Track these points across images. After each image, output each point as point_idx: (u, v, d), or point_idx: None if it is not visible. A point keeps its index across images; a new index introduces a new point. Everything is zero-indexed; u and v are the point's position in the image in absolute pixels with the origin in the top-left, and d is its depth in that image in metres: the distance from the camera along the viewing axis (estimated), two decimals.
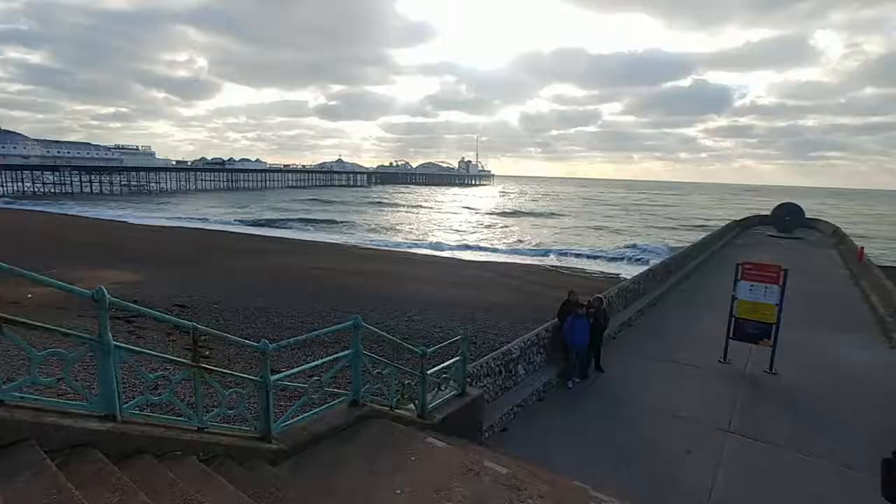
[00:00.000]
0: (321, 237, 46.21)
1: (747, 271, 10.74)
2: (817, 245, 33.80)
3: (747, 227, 42.90)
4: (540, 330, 9.95)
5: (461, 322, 16.09)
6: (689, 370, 10.77)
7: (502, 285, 24.28)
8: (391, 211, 79.91)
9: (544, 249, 43.19)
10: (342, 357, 4.96)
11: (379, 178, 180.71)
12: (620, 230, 62.04)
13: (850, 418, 8.81)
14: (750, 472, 7.09)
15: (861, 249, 25.72)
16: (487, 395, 8.00)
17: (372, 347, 12.41)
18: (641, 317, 14.42)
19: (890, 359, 11.95)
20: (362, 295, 19.73)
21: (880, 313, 15.47)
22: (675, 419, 8.58)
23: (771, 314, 10.44)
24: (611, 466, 7.15)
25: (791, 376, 10.44)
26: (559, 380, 9.69)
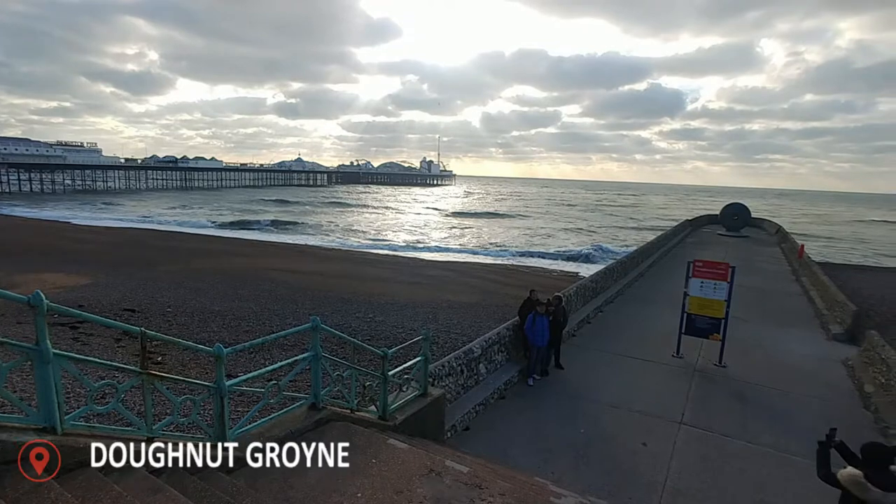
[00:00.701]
0: (280, 238, 45.20)
1: (698, 269, 11.18)
2: (762, 243, 35.57)
3: (699, 226, 44.70)
4: (501, 329, 10.04)
5: (423, 322, 16.07)
6: (645, 365, 11.12)
7: (464, 285, 24.38)
8: (352, 211, 78.94)
9: (506, 249, 43.66)
10: (301, 360, 4.86)
11: (340, 177, 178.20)
12: (582, 230, 63.48)
13: (792, 407, 9.31)
14: (701, 462, 7.37)
15: (801, 247, 27.24)
16: (450, 395, 8.02)
17: (333, 349, 12.30)
18: (600, 314, 14.79)
19: (828, 350, 12.69)
20: (323, 296, 19.42)
21: (819, 307, 16.43)
22: (631, 413, 8.83)
23: (720, 310, 10.92)
24: (571, 461, 7.29)
25: (739, 369, 10.94)
26: (520, 377, 9.82)
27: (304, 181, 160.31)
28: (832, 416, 8.81)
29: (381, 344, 12.56)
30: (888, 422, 8.57)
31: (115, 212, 60.89)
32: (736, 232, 39.11)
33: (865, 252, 49.91)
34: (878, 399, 9.35)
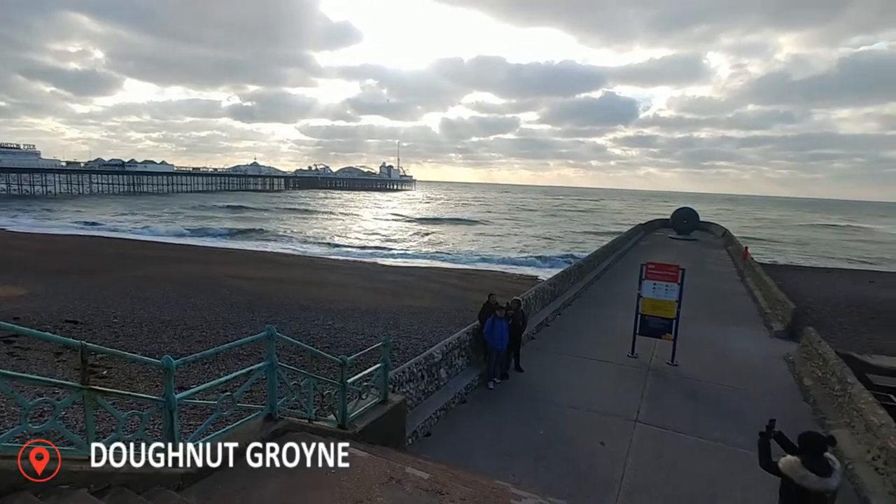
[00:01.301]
0: (236, 244, 43.93)
1: (650, 271, 11.57)
2: (710, 245, 37.20)
3: (651, 229, 46.32)
4: (461, 333, 10.08)
5: (384, 328, 15.97)
6: (602, 366, 11.40)
7: (425, 290, 24.37)
8: (311, 216, 77.58)
9: (466, 254, 43.92)
10: (256, 369, 4.72)
11: (298, 182, 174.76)
12: (543, 236, 64.51)
13: (739, 402, 9.75)
14: (656, 459, 7.61)
15: (746, 249, 28.64)
16: (410, 401, 7.98)
17: (291, 358, 12.05)
18: (558, 317, 15.07)
19: (771, 347, 13.38)
20: (281, 304, 18.99)
21: (762, 306, 17.30)
22: (589, 413, 9.03)
23: (671, 310, 11.33)
24: (531, 462, 7.38)
25: (690, 367, 11.36)
26: (481, 381, 9.87)
27: (260, 186, 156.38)
28: (775, 409, 9.24)
29: (341, 351, 12.38)
30: (825, 413, 9.10)
31: (57, 218, 57.64)
32: (686, 235, 40.77)
33: (804, 254, 52.98)
34: (816, 392, 9.91)
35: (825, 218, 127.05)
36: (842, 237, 77.95)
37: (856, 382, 8.85)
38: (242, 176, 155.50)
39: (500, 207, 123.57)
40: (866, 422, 7.66)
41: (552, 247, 51.34)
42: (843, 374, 9.23)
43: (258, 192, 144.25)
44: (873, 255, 53.22)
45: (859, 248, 61.80)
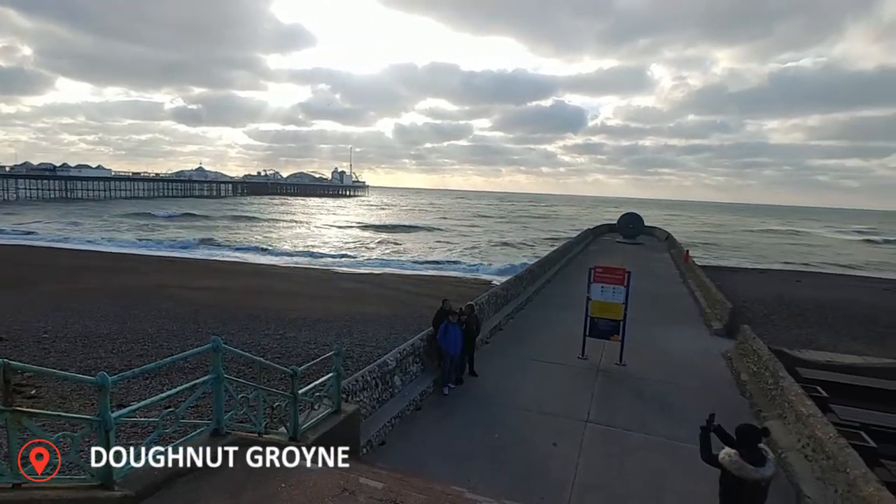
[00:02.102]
0: (180, 253, 42.07)
1: (598, 274, 11.95)
2: (654, 249, 38.80)
3: (599, 234, 47.85)
4: (415, 339, 10.06)
5: (338, 336, 15.72)
6: (554, 368, 11.64)
7: (380, 297, 24.17)
8: (260, 223, 75.29)
9: (421, 260, 43.89)
10: (201, 383, 4.54)
11: (246, 188, 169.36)
12: (497, 241, 65.17)
13: (682, 399, 10.17)
14: (606, 457, 7.83)
15: (687, 252, 30.06)
16: (364, 410, 7.88)
17: (241, 370, 11.68)
18: (511, 320, 15.29)
19: (711, 345, 14.06)
20: (229, 314, 18.34)
21: (702, 306, 18.19)
22: (542, 415, 9.19)
23: (619, 312, 11.73)
24: (487, 466, 7.43)
25: (637, 366, 11.77)
26: (435, 387, 9.87)
27: (206, 192, 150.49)
28: (715, 403, 9.69)
29: (293, 361, 12.08)
30: (760, 405, 9.65)
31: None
32: (632, 239, 42.39)
33: (742, 256, 56.00)
34: (752, 386, 10.50)
35: (764, 223, 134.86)
36: (782, 241, 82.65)
37: (787, 376, 9.42)
38: (187, 181, 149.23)
39: (455, 213, 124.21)
40: (796, 412, 8.18)
41: (507, 252, 52.07)
42: (775, 369, 9.82)
43: (204, 198, 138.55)
44: (812, 257, 56.45)
45: (797, 250, 65.76)
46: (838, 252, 66.24)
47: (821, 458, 7.00)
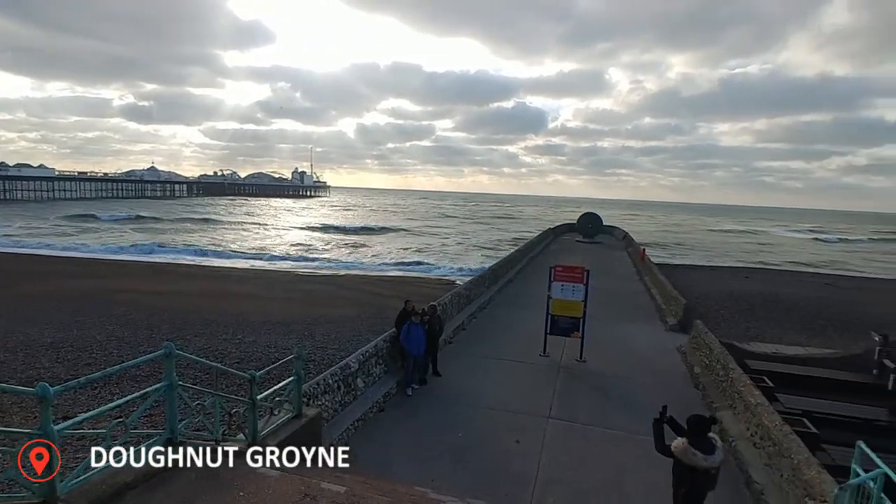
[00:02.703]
0: (132, 256, 40.34)
1: (558, 273, 12.19)
2: (612, 248, 39.85)
3: (559, 234, 48.76)
4: (378, 341, 9.99)
5: (298, 340, 15.44)
6: (517, 366, 11.79)
7: (342, 298, 23.88)
8: (217, 224, 73.00)
9: (384, 260, 43.64)
10: (153, 391, 4.36)
11: (202, 188, 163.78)
12: (461, 241, 65.39)
13: (640, 392, 10.48)
14: (568, 452, 8.00)
15: (643, 251, 30.99)
16: (327, 413, 7.77)
17: (197, 377, 11.33)
18: (474, 320, 15.39)
19: (666, 340, 14.55)
20: (185, 319, 17.72)
21: (658, 303, 18.81)
22: (505, 413, 9.30)
23: (578, 310, 12.00)
24: (451, 466, 7.46)
25: (597, 363, 12.07)
26: (399, 388, 9.84)
27: (159, 192, 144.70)
28: (670, 396, 10.02)
29: (252, 366, 11.79)
30: (712, 396, 10.06)
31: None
32: (591, 238, 43.41)
33: (698, 254, 58.22)
34: (704, 378, 10.94)
35: (719, 222, 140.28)
36: (739, 240, 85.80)
37: (736, 368, 9.86)
38: (138, 181, 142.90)
39: (420, 214, 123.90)
40: (745, 402, 8.57)
41: (472, 252, 52.38)
42: (725, 361, 10.26)
43: (157, 199, 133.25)
44: (770, 256, 58.68)
45: (758, 249, 68.61)
46: (790, 250, 69.70)
47: (768, 445, 7.36)
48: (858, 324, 19.99)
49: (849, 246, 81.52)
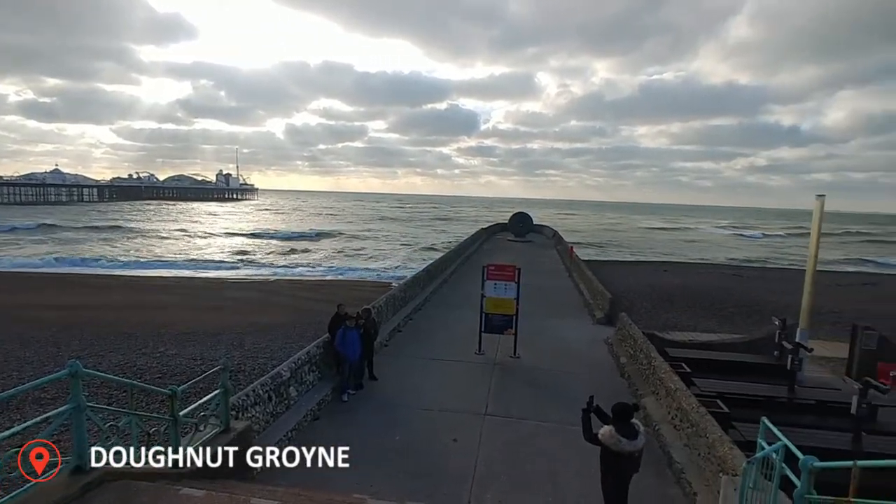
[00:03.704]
0: (35, 268, 36.76)
1: (491, 272, 12.43)
2: (543, 246, 41.19)
3: (492, 233, 49.74)
4: (311, 347, 9.73)
5: (227, 350, 14.76)
6: (453, 365, 11.89)
7: (274, 304, 23.07)
8: (132, 231, 67.87)
9: (318, 264, 42.60)
10: (56, 415, 4.00)
11: (115, 192, 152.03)
12: (397, 242, 65.00)
13: (570, 384, 10.89)
14: (504, 447, 8.15)
15: (571, 248, 32.27)
16: (258, 426, 7.46)
17: (112, 395, 10.51)
18: (410, 322, 15.35)
19: (594, 333, 15.22)
20: (98, 334, 16.41)
21: (586, 298, 19.65)
22: (442, 412, 9.34)
23: (511, 307, 12.30)
24: (389, 470, 7.38)
25: (530, 358, 12.41)
26: (334, 395, 9.63)
27: (65, 197, 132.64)
28: (599, 386, 10.52)
29: (176, 381, 11.14)
30: (637, 384, 10.64)
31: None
32: (522, 237, 44.66)
33: (626, 251, 61.31)
34: (630, 368, 11.54)
35: (648, 220, 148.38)
36: (666, 237, 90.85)
37: (657, 357, 10.48)
38: (39, 185, 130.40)
39: (355, 216, 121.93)
40: (666, 388, 9.13)
41: (409, 253, 52.24)
42: (648, 351, 10.88)
43: (62, 204, 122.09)
44: (699, 252, 62.22)
45: (689, 245, 72.83)
46: (724, 245, 74.72)
47: (686, 427, 7.89)
48: (761, 310, 21.92)
49: (771, 241, 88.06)
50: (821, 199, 12.20)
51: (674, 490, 7.14)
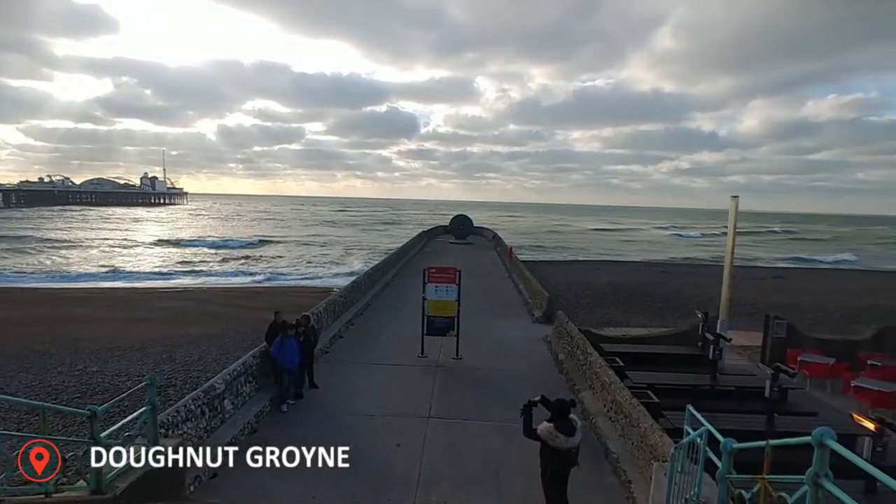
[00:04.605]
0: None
1: (432, 274, 12.49)
2: (483, 248, 41.88)
3: (433, 236, 49.97)
4: (247, 357, 9.37)
5: (156, 364, 13.97)
6: (396, 369, 11.83)
7: (207, 314, 22.02)
8: (47, 239, 62.52)
9: (257, 270, 41.11)
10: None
11: (24, 197, 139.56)
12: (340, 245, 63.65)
13: (512, 383, 11.11)
14: (448, 448, 8.20)
15: (510, 249, 33.00)
16: (190, 443, 7.09)
17: (23, 420, 9.66)
18: (351, 327, 15.14)
19: (534, 331, 15.62)
20: (4, 352, 14.98)
21: (525, 297, 20.15)
22: (386, 417, 9.27)
23: (453, 309, 12.41)
24: (332, 479, 7.23)
25: (472, 359, 12.55)
26: (273, 406, 9.32)
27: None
28: (540, 383, 10.79)
29: (97, 400, 10.44)
30: (574, 380, 11.03)
31: None
32: (462, 239, 45.21)
33: (568, 251, 63.18)
34: (568, 364, 11.95)
35: (589, 221, 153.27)
36: (612, 238, 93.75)
37: (593, 352, 10.90)
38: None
39: (296, 220, 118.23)
40: (601, 382, 9.53)
41: (351, 257, 51.38)
42: (584, 347, 11.31)
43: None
44: (644, 252, 64.84)
45: (631, 245, 75.81)
46: (673, 245, 78.13)
47: (621, 418, 8.26)
48: (687, 304, 23.35)
49: (710, 240, 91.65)
50: (735, 199, 13.16)
51: (610, 479, 7.46)
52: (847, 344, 14.78)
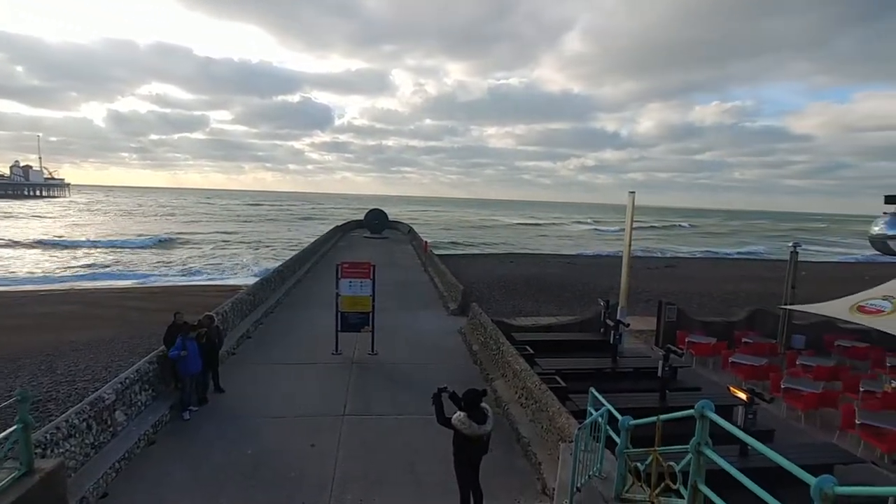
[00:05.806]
0: None
1: (346, 270, 12.26)
2: (399, 242, 41.78)
3: (348, 230, 49.05)
4: (142, 363, 8.63)
5: (33, 377, 12.51)
6: (308, 368, 11.50)
7: (96, 318, 20.05)
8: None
9: (153, 269, 37.97)
10: None
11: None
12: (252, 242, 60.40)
13: (428, 376, 11.18)
14: (364, 445, 8.13)
15: (426, 243, 33.21)
16: (74, 461, 6.43)
17: None
18: (260, 326, 14.48)
19: (449, 324, 15.86)
20: None
21: (441, 290, 20.40)
22: (298, 418, 8.99)
23: (367, 304, 12.29)
24: (242, 487, 6.91)
25: (387, 354, 12.50)
26: (173, 413, 8.69)
27: None
28: (454, 374, 11.03)
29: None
30: (488, 369, 11.35)
31: None
32: (378, 234, 44.85)
33: (485, 245, 64.39)
34: (482, 354, 12.27)
35: (505, 215, 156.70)
36: (535, 232, 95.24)
37: (505, 342, 11.30)
38: None
39: (202, 215, 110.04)
40: (513, 370, 9.90)
41: (261, 254, 48.95)
42: (497, 337, 11.67)
43: None
44: (560, 246, 66.85)
45: (541, 239, 78.18)
46: (582, 238, 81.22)
47: (531, 404, 8.64)
48: (591, 293, 24.89)
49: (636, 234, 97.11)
50: (632, 195, 14.22)
51: (521, 462, 7.79)
52: (726, 325, 16.56)
